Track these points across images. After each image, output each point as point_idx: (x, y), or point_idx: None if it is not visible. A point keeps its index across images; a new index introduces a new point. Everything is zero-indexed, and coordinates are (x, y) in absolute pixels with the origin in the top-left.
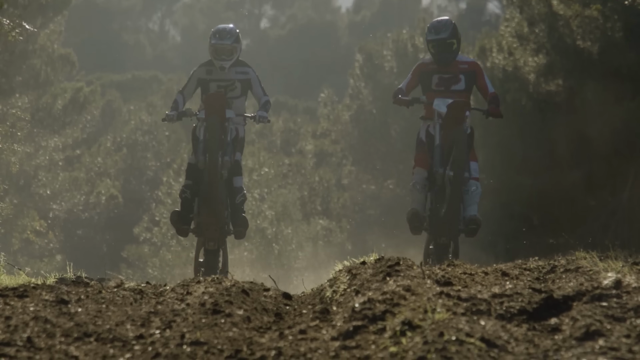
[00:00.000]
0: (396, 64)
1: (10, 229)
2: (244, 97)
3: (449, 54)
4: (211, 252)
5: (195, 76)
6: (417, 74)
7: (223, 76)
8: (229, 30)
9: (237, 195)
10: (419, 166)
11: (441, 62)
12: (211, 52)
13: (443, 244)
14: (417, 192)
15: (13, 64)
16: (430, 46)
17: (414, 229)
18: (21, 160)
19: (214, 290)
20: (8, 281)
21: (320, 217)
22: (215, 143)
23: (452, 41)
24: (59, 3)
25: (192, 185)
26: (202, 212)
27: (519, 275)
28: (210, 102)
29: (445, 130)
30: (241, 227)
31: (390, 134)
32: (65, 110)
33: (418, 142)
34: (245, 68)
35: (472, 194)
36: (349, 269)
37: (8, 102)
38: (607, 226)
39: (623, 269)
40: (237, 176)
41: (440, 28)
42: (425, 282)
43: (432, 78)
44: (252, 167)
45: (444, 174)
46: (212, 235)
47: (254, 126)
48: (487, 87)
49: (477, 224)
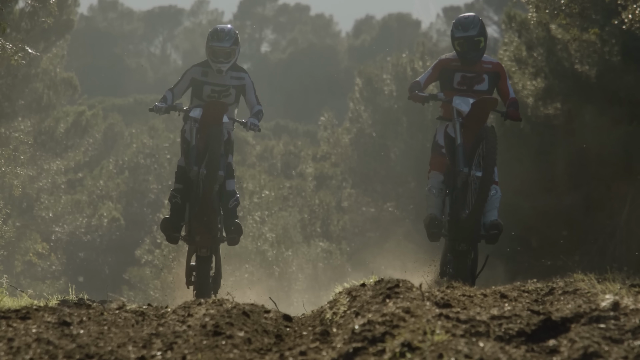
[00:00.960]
0: (395, 88)
1: (13, 252)
2: (236, 103)
3: (476, 52)
4: (203, 258)
5: (189, 75)
6: (438, 69)
7: (218, 80)
8: (228, 32)
9: (230, 199)
10: (434, 170)
11: (467, 60)
12: (209, 54)
13: (462, 252)
14: (434, 196)
15: (16, 87)
16: (456, 43)
17: (431, 235)
18: (24, 183)
19: (215, 312)
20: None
21: (321, 239)
22: (217, 157)
23: (480, 39)
24: (61, 27)
25: (182, 190)
26: (193, 222)
27: (517, 297)
28: (208, 110)
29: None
30: (234, 234)
31: (390, 157)
32: (68, 133)
33: (434, 144)
34: (241, 73)
35: (493, 199)
36: (348, 290)
37: (11, 126)
38: (605, 248)
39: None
40: (230, 179)
41: (469, 25)
42: (424, 304)
43: (455, 75)
44: (253, 189)
45: (469, 174)
46: (205, 244)
47: (255, 149)
48: (508, 90)
49: (498, 229)
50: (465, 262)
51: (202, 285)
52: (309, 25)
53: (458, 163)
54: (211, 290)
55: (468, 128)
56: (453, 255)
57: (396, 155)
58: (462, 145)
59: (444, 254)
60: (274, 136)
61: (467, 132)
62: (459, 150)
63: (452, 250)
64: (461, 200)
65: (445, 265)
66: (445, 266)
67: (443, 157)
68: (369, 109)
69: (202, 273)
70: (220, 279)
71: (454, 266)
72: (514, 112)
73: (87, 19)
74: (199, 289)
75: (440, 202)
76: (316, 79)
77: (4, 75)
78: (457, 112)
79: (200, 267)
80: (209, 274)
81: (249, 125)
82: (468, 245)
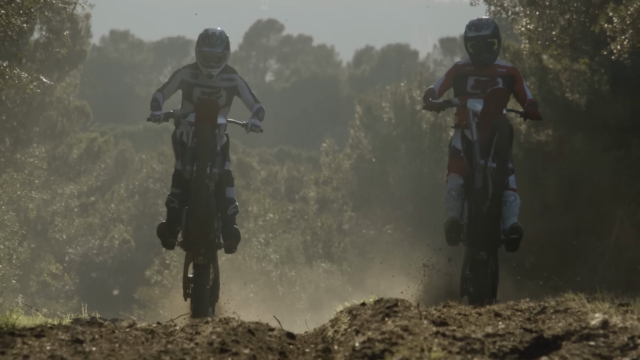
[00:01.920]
0: (394, 115)
1: (28, 272)
2: (228, 107)
3: (489, 54)
4: (201, 266)
5: (179, 77)
6: (451, 75)
7: (209, 82)
8: (219, 36)
9: (229, 207)
10: (453, 172)
11: (480, 62)
12: (199, 58)
13: (482, 262)
14: (454, 199)
15: (31, 115)
16: (469, 45)
17: (451, 239)
18: (39, 207)
19: (222, 330)
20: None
21: (322, 260)
22: (205, 154)
23: (493, 40)
24: (74, 58)
25: (180, 194)
26: (190, 225)
27: (511, 315)
28: (202, 109)
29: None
30: (232, 240)
31: (389, 181)
32: (81, 159)
33: (451, 149)
34: (231, 74)
35: (512, 205)
36: (349, 309)
37: (26, 151)
38: (595, 269)
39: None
40: (229, 187)
41: (482, 25)
42: (422, 323)
43: (468, 80)
44: (258, 213)
45: (485, 165)
46: (201, 249)
47: (259, 174)
48: (525, 93)
49: (519, 233)
50: (486, 276)
51: (200, 296)
52: (311, 55)
53: (475, 157)
54: (208, 302)
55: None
56: (472, 267)
57: (395, 180)
58: (478, 141)
59: (463, 270)
60: (278, 161)
61: (482, 128)
62: (475, 146)
63: (471, 262)
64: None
65: (465, 283)
66: (465, 284)
67: (461, 161)
68: (368, 136)
69: (200, 283)
70: (218, 290)
71: (474, 283)
72: (533, 111)
73: (99, 49)
74: (197, 299)
75: (460, 205)
76: (318, 107)
77: (19, 104)
78: (472, 112)
79: (198, 276)
80: (207, 283)
81: (249, 126)
82: (488, 253)
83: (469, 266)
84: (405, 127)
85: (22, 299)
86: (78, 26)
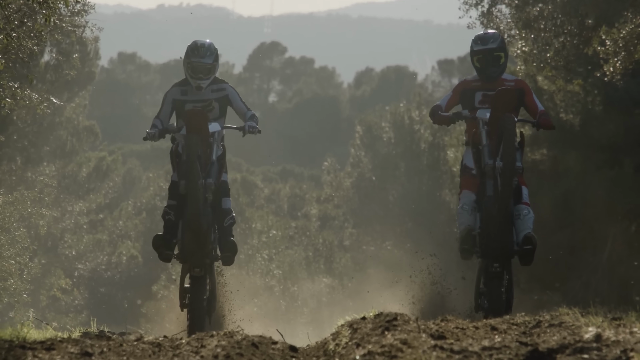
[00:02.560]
0: (393, 135)
1: (39, 287)
2: (223, 118)
3: (496, 68)
4: (197, 278)
5: (170, 97)
6: (458, 91)
7: (199, 96)
8: (209, 47)
9: (226, 218)
10: (465, 189)
11: (486, 77)
12: (187, 70)
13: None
14: (467, 213)
15: (41, 135)
16: (475, 59)
17: (464, 251)
18: (49, 224)
19: (226, 343)
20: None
21: (324, 275)
22: (194, 165)
23: (499, 54)
24: (83, 79)
25: (176, 206)
26: (185, 237)
27: (507, 329)
28: (189, 120)
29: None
30: (229, 252)
31: (388, 199)
32: (90, 177)
33: (463, 168)
34: (220, 84)
35: (525, 219)
36: (350, 323)
37: (37, 170)
38: (588, 284)
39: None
40: (226, 197)
41: (488, 39)
42: (420, 336)
43: (476, 95)
44: (261, 229)
45: (493, 165)
46: (198, 262)
47: (263, 192)
48: (536, 105)
49: (532, 244)
50: (500, 290)
51: (197, 308)
52: (313, 77)
53: (483, 159)
54: (205, 314)
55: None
56: (486, 281)
57: (394, 197)
58: (487, 145)
59: (477, 285)
60: (281, 180)
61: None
62: (485, 149)
63: (485, 276)
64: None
65: (479, 298)
66: (479, 299)
67: (473, 178)
68: (368, 155)
69: (196, 294)
70: (215, 302)
71: (489, 297)
72: (545, 120)
73: (108, 71)
74: (193, 311)
75: (473, 219)
76: (320, 126)
77: (30, 124)
78: (482, 121)
79: (194, 288)
80: (204, 295)
81: (246, 129)
82: (501, 265)
83: (483, 280)
84: (404, 146)
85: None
86: (87, 49)
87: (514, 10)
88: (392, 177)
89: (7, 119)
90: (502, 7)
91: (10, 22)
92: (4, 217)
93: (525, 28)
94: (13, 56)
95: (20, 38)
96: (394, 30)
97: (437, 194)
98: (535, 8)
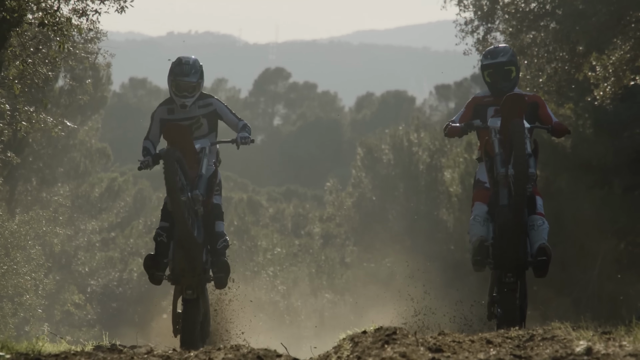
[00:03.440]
0: (393, 157)
1: (53, 302)
2: (213, 133)
3: (507, 82)
4: (190, 301)
5: (157, 117)
6: (471, 107)
7: (186, 114)
8: (193, 64)
9: (219, 241)
10: (478, 201)
11: (498, 91)
12: (171, 87)
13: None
14: (479, 224)
15: (56, 157)
16: (485, 74)
17: (477, 262)
18: (63, 242)
19: (233, 356)
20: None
21: (326, 291)
22: (172, 180)
23: (510, 68)
24: (96, 103)
25: (168, 228)
26: (177, 256)
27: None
28: (168, 134)
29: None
30: (222, 273)
31: (388, 218)
32: (102, 197)
33: (476, 182)
34: (207, 99)
35: (539, 230)
36: (351, 337)
37: (51, 190)
38: (579, 300)
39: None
40: (219, 221)
41: (498, 53)
42: (418, 349)
43: (488, 110)
44: (267, 247)
45: (506, 174)
46: (189, 283)
47: (268, 211)
48: (550, 117)
49: (547, 255)
50: (514, 299)
51: (189, 333)
52: (316, 101)
53: (496, 167)
54: (199, 339)
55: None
56: (500, 291)
57: (393, 216)
58: (500, 154)
59: (490, 293)
60: (285, 199)
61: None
62: (497, 158)
63: (498, 285)
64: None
65: (492, 306)
66: (492, 307)
67: (486, 190)
68: (369, 176)
69: (189, 318)
70: (209, 326)
71: (502, 306)
72: (559, 124)
73: (119, 95)
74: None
75: (486, 230)
76: (322, 149)
77: (45, 146)
78: (494, 130)
79: (187, 312)
80: (197, 320)
81: (239, 140)
82: (515, 275)
83: (497, 289)
84: (403, 167)
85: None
86: (100, 74)
87: (508, 37)
88: (392, 197)
89: (23, 141)
90: (496, 35)
91: (26, 48)
92: (20, 236)
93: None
94: (29, 81)
95: (36, 64)
96: (393, 56)
97: (435, 214)
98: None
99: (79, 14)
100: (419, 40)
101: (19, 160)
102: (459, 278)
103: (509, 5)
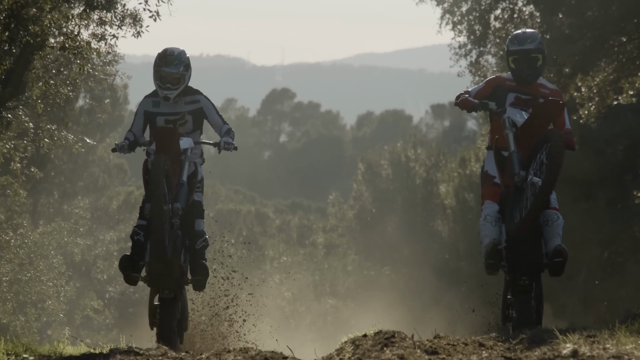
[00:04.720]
0: (391, 172)
1: (74, 308)
2: (198, 131)
3: (532, 70)
4: (166, 300)
5: (142, 109)
6: (492, 84)
7: (172, 109)
8: (178, 55)
9: (198, 240)
10: (488, 199)
11: (521, 79)
12: (155, 79)
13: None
14: (490, 225)
15: (76, 172)
16: (510, 60)
17: (489, 266)
18: (83, 251)
19: (242, 358)
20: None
21: (329, 297)
22: (158, 188)
23: (537, 55)
24: (114, 122)
25: (146, 227)
26: (152, 259)
27: (493, 345)
28: (158, 139)
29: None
30: (200, 276)
31: (387, 229)
32: (119, 209)
33: (484, 176)
34: (194, 96)
35: (554, 225)
36: (352, 340)
37: (72, 203)
38: (566, 305)
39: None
40: (199, 219)
41: (526, 39)
42: (416, 352)
43: (508, 96)
44: (273, 256)
45: (525, 177)
46: (165, 286)
47: (274, 222)
48: (565, 121)
49: (563, 256)
50: (529, 301)
51: (166, 328)
52: (319, 119)
53: (513, 167)
54: (176, 334)
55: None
56: (514, 294)
57: (392, 227)
58: (516, 152)
59: (504, 296)
60: (291, 211)
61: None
62: (513, 156)
63: (512, 288)
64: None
65: (507, 309)
66: (507, 310)
67: (496, 187)
68: (369, 189)
69: (165, 316)
70: (186, 322)
71: (517, 308)
72: (568, 139)
73: None
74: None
75: (498, 231)
76: (325, 164)
77: (66, 162)
78: (509, 122)
79: (163, 310)
80: (174, 316)
81: (222, 145)
82: (530, 278)
83: (511, 292)
84: (401, 181)
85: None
86: (117, 94)
87: (499, 60)
88: (390, 209)
89: (46, 157)
90: (488, 57)
91: (48, 70)
92: (43, 246)
93: None
94: (51, 101)
95: (57, 85)
96: (392, 78)
97: (431, 224)
98: None
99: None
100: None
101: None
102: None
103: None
